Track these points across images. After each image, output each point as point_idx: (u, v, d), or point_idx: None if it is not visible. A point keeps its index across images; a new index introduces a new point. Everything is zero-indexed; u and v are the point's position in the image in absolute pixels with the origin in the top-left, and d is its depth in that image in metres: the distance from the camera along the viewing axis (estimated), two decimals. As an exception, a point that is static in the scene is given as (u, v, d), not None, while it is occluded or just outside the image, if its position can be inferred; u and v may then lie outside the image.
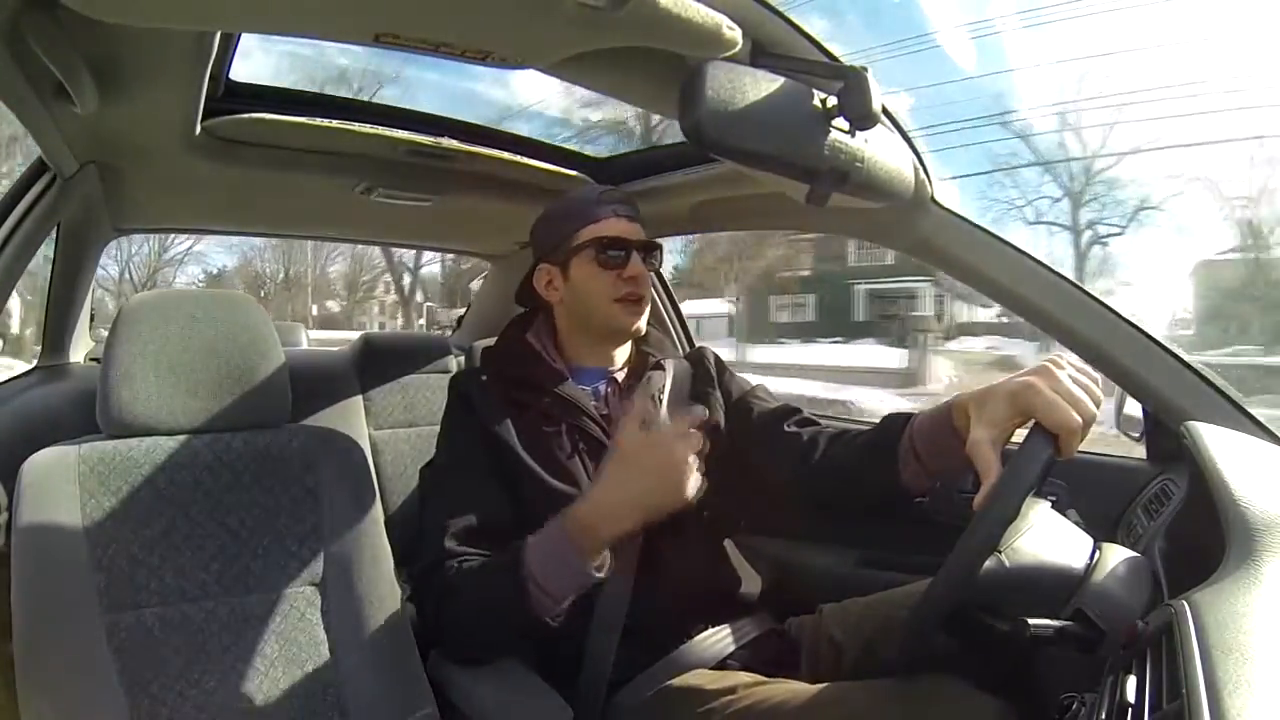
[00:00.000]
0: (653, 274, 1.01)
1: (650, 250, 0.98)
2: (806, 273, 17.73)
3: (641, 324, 0.99)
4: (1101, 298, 0.97)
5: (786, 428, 0.99)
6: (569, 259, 0.98)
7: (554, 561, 0.79)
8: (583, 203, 0.99)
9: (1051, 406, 0.65)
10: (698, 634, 0.92)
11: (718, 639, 0.92)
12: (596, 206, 0.98)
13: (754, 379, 1.13)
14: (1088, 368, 0.71)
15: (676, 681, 0.86)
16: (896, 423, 0.88)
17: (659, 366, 1.03)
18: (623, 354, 1.03)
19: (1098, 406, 0.67)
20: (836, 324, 16.56)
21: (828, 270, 17.55)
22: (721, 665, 0.90)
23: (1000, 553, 0.73)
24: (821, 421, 1.01)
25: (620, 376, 1.02)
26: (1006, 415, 0.68)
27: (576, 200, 1.01)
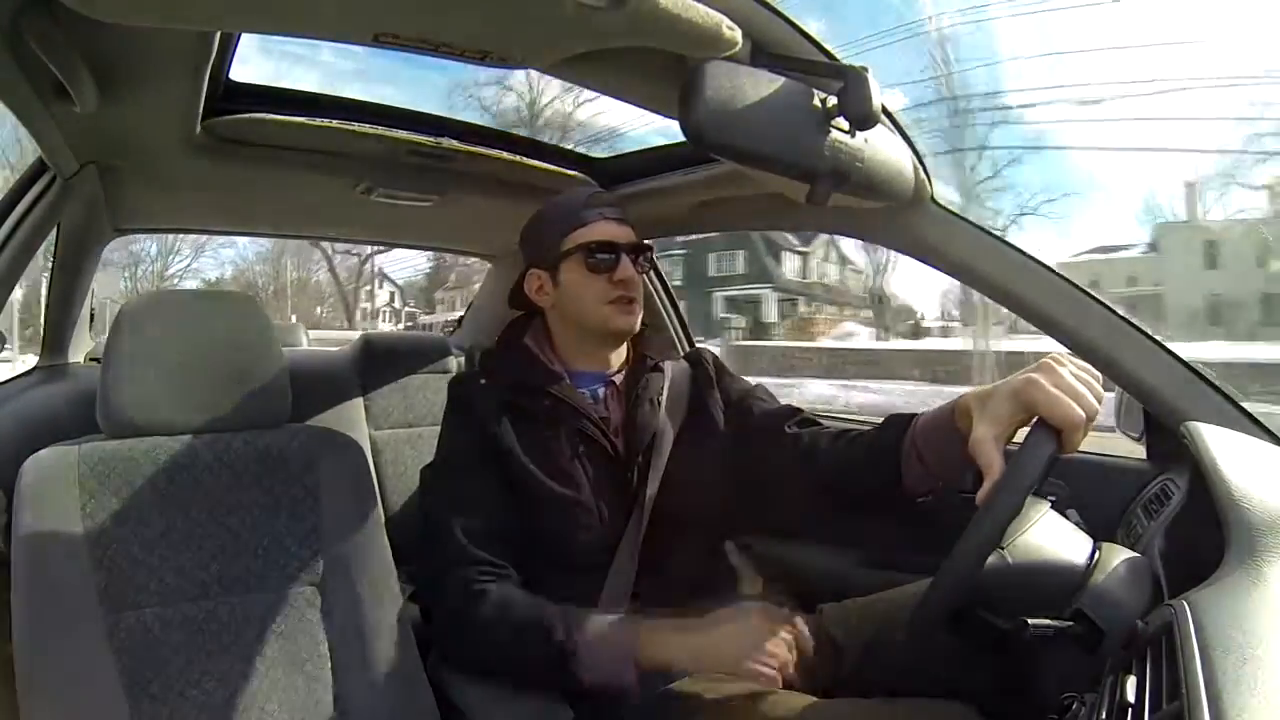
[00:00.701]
0: (651, 274, 1.01)
1: (640, 252, 0.98)
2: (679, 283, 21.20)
3: (632, 324, 0.98)
4: (1101, 298, 0.97)
5: (788, 429, 0.98)
6: (558, 264, 0.97)
7: (610, 655, 0.80)
8: (570, 207, 0.99)
9: (1054, 401, 0.65)
10: None
11: None
12: (584, 210, 0.97)
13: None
14: (1088, 365, 0.71)
15: (676, 686, 0.86)
16: (898, 424, 0.88)
17: (657, 368, 1.02)
18: (619, 356, 1.02)
19: (1099, 402, 0.67)
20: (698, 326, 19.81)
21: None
22: None
23: (1003, 549, 0.73)
24: (823, 421, 1.01)
25: (618, 379, 1.01)
26: (1009, 412, 0.68)
27: (563, 205, 1.00)
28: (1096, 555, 0.76)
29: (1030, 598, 0.68)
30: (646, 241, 1.00)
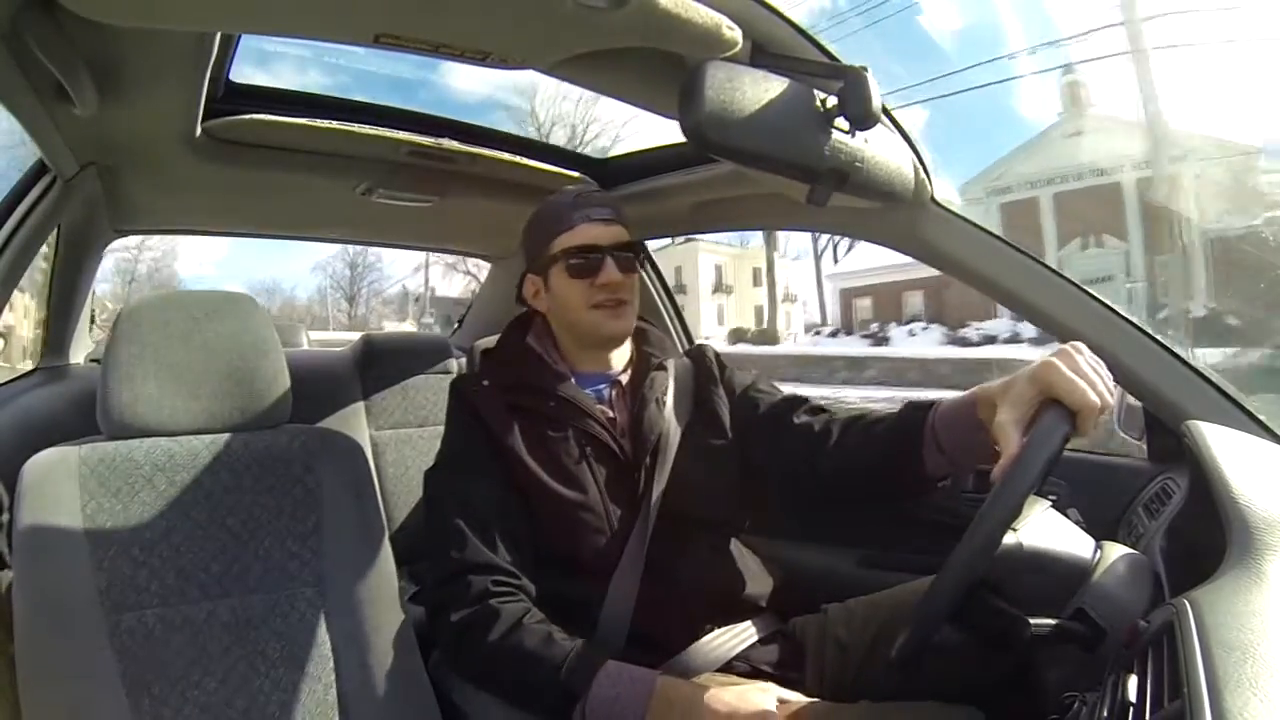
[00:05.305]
0: (649, 273, 1.00)
1: (627, 251, 0.95)
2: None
3: (623, 328, 0.96)
4: (1101, 297, 0.97)
5: (796, 419, 0.97)
6: (547, 269, 0.96)
7: (620, 709, 0.78)
8: (556, 210, 0.97)
9: (1070, 384, 0.66)
10: (703, 636, 0.91)
11: (723, 641, 0.92)
12: (570, 213, 0.96)
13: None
14: (1098, 358, 0.71)
15: None
16: (918, 409, 0.86)
17: (661, 367, 1.01)
18: (621, 357, 1.01)
19: (1111, 395, 0.68)
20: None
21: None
22: (727, 667, 0.90)
23: (1016, 530, 0.73)
24: (831, 408, 0.99)
25: (624, 379, 1.00)
26: (1029, 395, 0.69)
27: (550, 208, 0.98)
28: (1098, 554, 0.76)
29: (1043, 580, 0.68)
30: (633, 240, 0.97)
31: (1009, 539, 0.69)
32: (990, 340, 13.90)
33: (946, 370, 10.83)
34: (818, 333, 20.11)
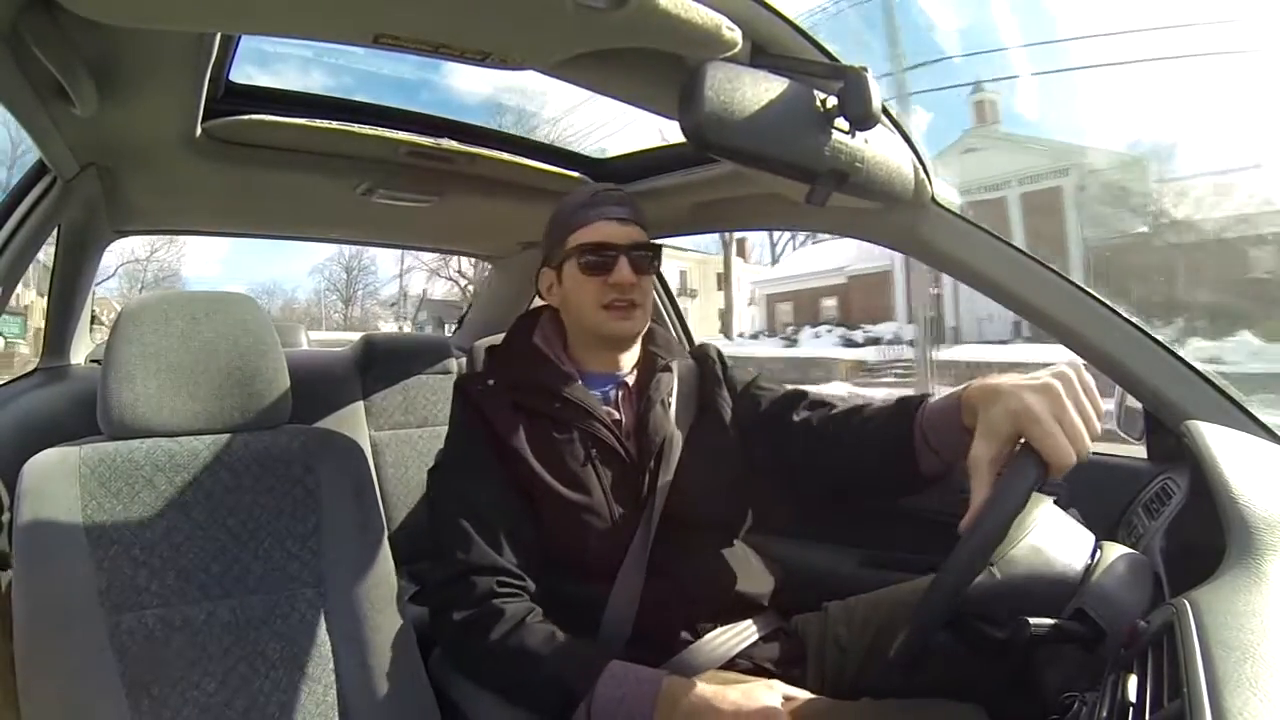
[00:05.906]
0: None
1: (642, 252, 0.95)
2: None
3: (631, 329, 0.96)
4: (1101, 297, 0.97)
5: (796, 416, 0.97)
6: (562, 265, 0.96)
7: (627, 710, 0.77)
8: (574, 206, 0.97)
9: (1048, 437, 0.63)
10: (705, 635, 0.91)
11: (724, 640, 0.92)
12: (586, 209, 0.96)
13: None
14: (1092, 385, 0.69)
15: None
16: (907, 410, 0.86)
17: (667, 369, 1.01)
18: (629, 358, 1.01)
19: (1094, 439, 0.66)
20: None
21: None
22: (729, 665, 0.90)
23: (993, 565, 0.73)
24: (831, 401, 0.99)
25: (630, 380, 1.00)
26: (1007, 434, 0.67)
27: (570, 203, 0.99)
28: (1097, 554, 0.76)
29: (1024, 606, 0.68)
30: (651, 241, 0.97)
31: (984, 576, 0.69)
32: (874, 342, 15.57)
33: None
34: (740, 334, 21.56)
